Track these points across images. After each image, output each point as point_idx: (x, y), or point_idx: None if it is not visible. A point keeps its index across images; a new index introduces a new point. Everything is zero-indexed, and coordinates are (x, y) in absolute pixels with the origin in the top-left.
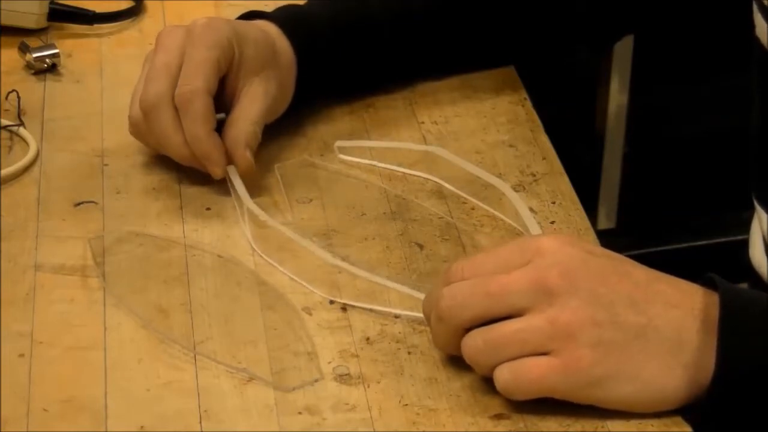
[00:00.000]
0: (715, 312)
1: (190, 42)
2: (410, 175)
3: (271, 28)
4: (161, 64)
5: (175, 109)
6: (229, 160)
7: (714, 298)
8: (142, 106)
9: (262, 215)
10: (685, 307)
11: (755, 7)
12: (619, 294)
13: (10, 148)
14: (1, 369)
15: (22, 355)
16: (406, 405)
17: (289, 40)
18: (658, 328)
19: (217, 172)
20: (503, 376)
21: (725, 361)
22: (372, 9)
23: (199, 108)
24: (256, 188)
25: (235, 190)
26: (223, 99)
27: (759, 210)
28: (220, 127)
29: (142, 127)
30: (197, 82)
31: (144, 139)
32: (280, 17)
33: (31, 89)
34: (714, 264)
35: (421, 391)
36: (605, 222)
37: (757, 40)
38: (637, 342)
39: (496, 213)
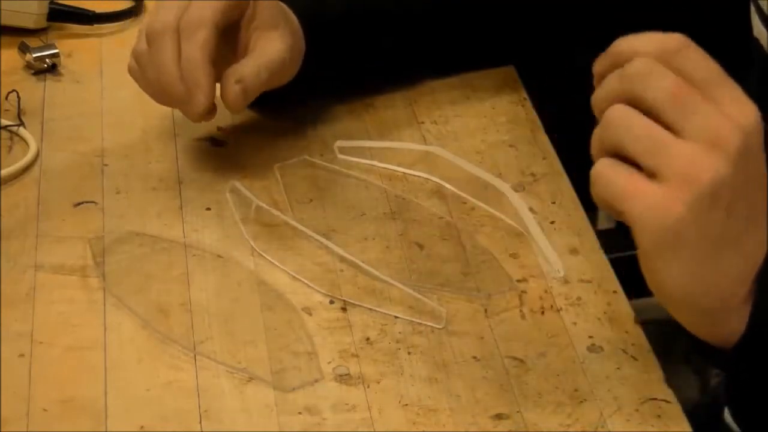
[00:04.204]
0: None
1: None
2: (410, 175)
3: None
4: None
5: (180, 41)
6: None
7: None
8: (147, 32)
9: (273, 211)
10: (758, 260)
11: (752, 9)
12: (750, 198)
13: (10, 148)
14: (1, 369)
15: (22, 355)
16: (406, 405)
17: (299, 20)
18: (742, 252)
19: (201, 101)
20: (605, 168)
21: (756, 319)
22: (374, 6)
23: (202, 37)
24: (256, 188)
25: (235, 194)
26: (233, 51)
27: None
28: None
29: (144, 60)
30: (206, 11)
31: (143, 77)
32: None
33: (31, 89)
34: None
35: (421, 391)
36: (605, 222)
37: (755, 40)
38: (724, 243)
39: (496, 213)
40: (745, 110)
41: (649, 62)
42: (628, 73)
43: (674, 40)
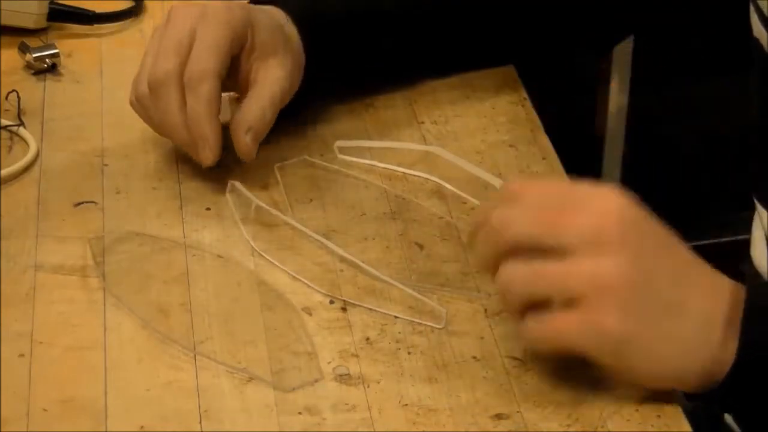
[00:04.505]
0: (740, 311)
1: (204, 20)
2: (410, 175)
3: (279, 14)
4: (172, 41)
5: (183, 88)
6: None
7: (742, 295)
8: (150, 80)
9: (273, 211)
10: (717, 299)
11: (752, 9)
12: (664, 265)
13: (10, 148)
14: (1, 369)
15: (22, 355)
16: (406, 405)
17: (296, 27)
18: (690, 312)
19: (208, 156)
20: (531, 324)
21: (745, 350)
22: (374, 7)
23: (207, 90)
24: (256, 188)
25: (235, 194)
26: (234, 81)
27: (759, 209)
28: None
29: (146, 102)
30: (208, 64)
31: (146, 114)
32: (288, 4)
33: (31, 89)
34: (714, 264)
35: (421, 391)
36: None
37: (755, 40)
38: (668, 319)
39: None
40: (608, 195)
41: (500, 212)
42: (492, 230)
43: (511, 183)
